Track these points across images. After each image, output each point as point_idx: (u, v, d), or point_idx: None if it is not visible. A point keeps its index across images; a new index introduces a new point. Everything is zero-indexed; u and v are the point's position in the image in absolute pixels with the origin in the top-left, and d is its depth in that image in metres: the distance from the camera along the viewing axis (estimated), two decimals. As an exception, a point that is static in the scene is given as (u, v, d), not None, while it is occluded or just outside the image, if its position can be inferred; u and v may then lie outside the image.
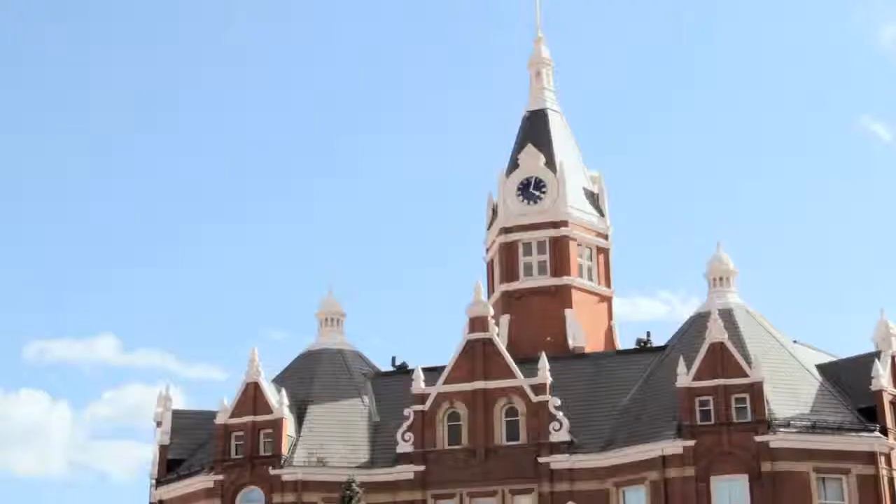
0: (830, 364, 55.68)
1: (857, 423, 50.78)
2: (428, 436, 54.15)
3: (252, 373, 55.62)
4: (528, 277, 62.74)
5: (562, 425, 52.99)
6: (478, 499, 52.89)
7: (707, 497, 49.40)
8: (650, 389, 54.60)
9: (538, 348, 57.05)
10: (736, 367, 50.69)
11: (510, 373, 54.25)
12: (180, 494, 55.94)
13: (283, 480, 53.70)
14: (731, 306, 56.73)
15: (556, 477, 52.22)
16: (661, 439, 50.85)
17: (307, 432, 55.97)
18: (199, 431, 58.34)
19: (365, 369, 60.80)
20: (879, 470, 49.55)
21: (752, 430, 49.67)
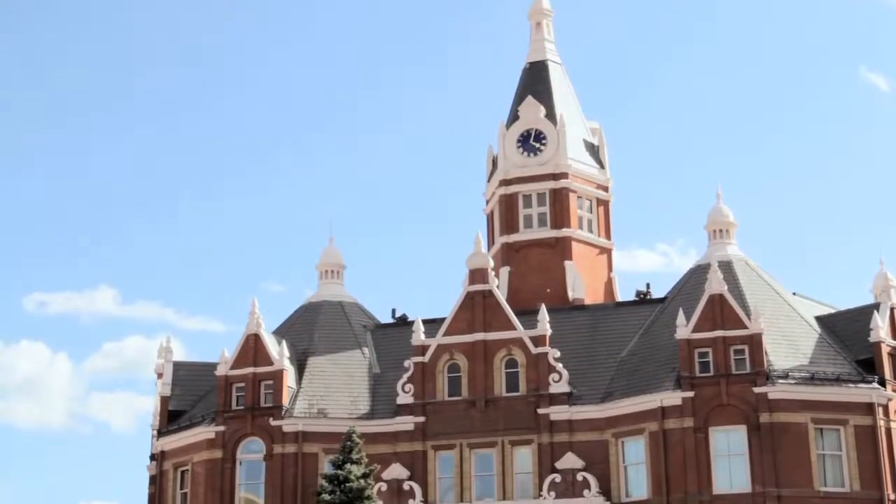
0: (829, 316, 55.86)
1: (855, 375, 50.99)
2: (428, 387, 54.39)
3: (252, 324, 55.76)
4: (528, 229, 62.79)
5: (561, 377, 53.20)
6: (477, 450, 53.20)
7: (706, 448, 49.69)
8: (649, 341, 54.79)
9: (538, 300, 57.20)
10: (735, 319, 50.82)
11: (510, 324, 54.41)
12: (182, 445, 56.28)
13: (284, 431, 53.99)
14: (730, 258, 56.84)
15: (555, 428, 52.50)
16: (660, 391, 51.09)
17: (307, 384, 56.21)
18: (200, 383, 58.62)
19: (365, 321, 60.96)
20: (877, 421, 49.82)
21: (750, 381, 49.88)
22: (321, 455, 53.51)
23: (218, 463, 54.30)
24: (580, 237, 62.60)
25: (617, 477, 51.49)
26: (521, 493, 52.29)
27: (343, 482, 44.03)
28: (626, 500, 51.00)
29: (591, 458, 51.62)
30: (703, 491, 49.08)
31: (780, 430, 49.21)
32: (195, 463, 55.23)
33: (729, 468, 49.57)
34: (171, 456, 56.85)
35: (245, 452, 54.68)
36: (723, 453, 49.82)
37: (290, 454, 53.75)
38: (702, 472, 49.31)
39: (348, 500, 43.73)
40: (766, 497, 48.32)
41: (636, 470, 51.33)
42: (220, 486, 53.98)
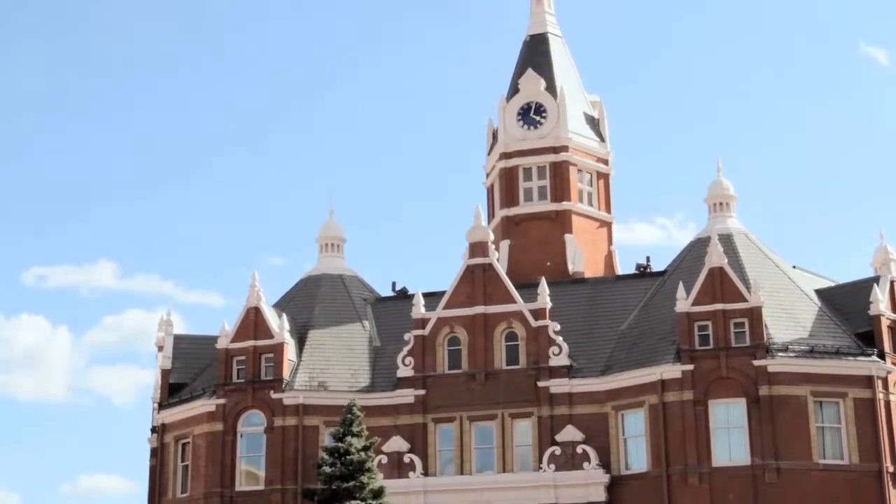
0: (829, 289, 55.90)
1: (855, 348, 51.07)
2: (428, 360, 54.48)
3: (252, 298, 55.80)
4: (528, 202, 62.75)
5: (561, 350, 53.28)
6: (477, 422, 53.33)
7: (705, 421, 49.82)
8: (649, 314, 54.84)
9: (538, 273, 57.24)
10: (735, 292, 50.85)
11: (510, 298, 54.44)
12: (183, 418, 56.43)
13: (285, 404, 54.12)
14: (730, 231, 56.82)
15: (555, 401, 52.61)
16: (660, 364, 51.18)
17: (308, 357, 56.31)
18: (201, 356, 58.73)
19: (365, 294, 61.01)
20: (876, 394, 49.93)
21: (750, 354, 49.95)
22: (322, 428, 53.66)
23: (219, 435, 54.44)
24: (580, 210, 62.57)
25: (616, 449, 51.63)
26: (520, 466, 52.47)
27: (343, 455, 44.10)
28: (626, 473, 51.17)
29: (591, 431, 51.76)
30: (702, 463, 49.24)
31: (779, 402, 49.32)
32: (196, 435, 55.39)
33: (728, 441, 49.72)
34: (171, 429, 57.02)
35: (246, 425, 54.84)
36: (722, 426, 49.95)
37: (290, 427, 53.89)
38: (701, 445, 49.45)
39: (349, 472, 43.81)
40: (765, 469, 48.49)
41: (636, 442, 51.48)
42: (221, 459, 54.16)
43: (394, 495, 46.56)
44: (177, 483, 56.39)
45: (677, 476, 49.62)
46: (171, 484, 56.50)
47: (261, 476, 54.11)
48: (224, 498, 53.70)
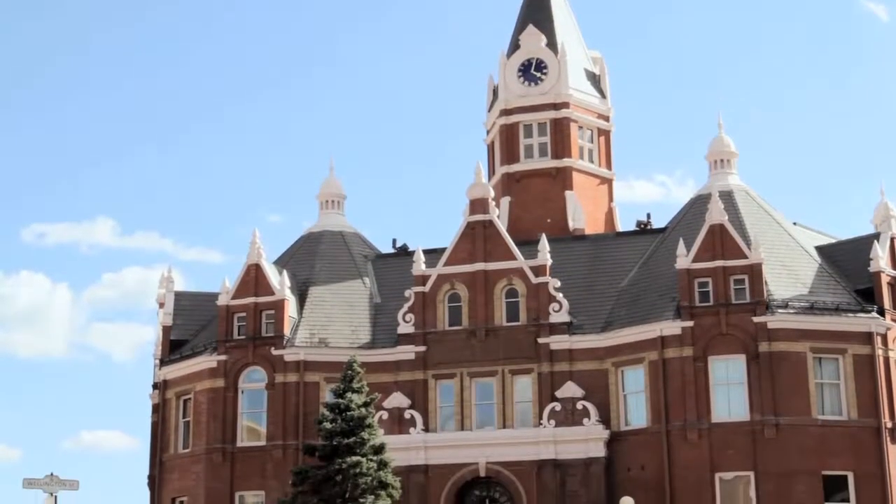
0: (830, 246, 55.91)
1: (854, 304, 51.15)
2: (429, 317, 54.57)
3: (253, 254, 55.81)
4: (529, 159, 62.66)
5: (561, 306, 53.35)
6: (478, 378, 53.50)
7: (705, 377, 49.97)
8: (650, 271, 54.88)
9: (538, 230, 57.21)
10: (735, 249, 50.85)
11: (510, 254, 54.46)
12: (184, 374, 56.60)
13: (286, 361, 54.27)
14: (731, 188, 56.75)
15: (555, 357, 52.74)
16: (660, 320, 51.25)
17: (308, 313, 56.40)
18: (201, 313, 58.82)
19: (366, 251, 61.02)
20: (876, 350, 50.05)
21: (750, 310, 50.01)
22: (322, 384, 53.82)
23: (220, 392, 54.65)
24: (581, 167, 62.47)
25: (616, 405, 51.81)
26: (521, 422, 52.67)
27: (344, 410, 44.23)
28: (626, 429, 51.38)
29: (591, 387, 51.92)
30: (701, 419, 49.42)
31: (778, 359, 49.44)
32: (197, 392, 55.59)
33: (728, 397, 49.89)
34: (173, 385, 57.23)
35: (247, 381, 55.02)
36: (721, 382, 50.10)
37: (291, 383, 54.06)
38: (701, 401, 49.62)
39: (349, 428, 43.94)
40: (764, 425, 48.68)
41: (636, 398, 51.65)
42: (223, 415, 54.38)
43: (394, 451, 46.74)
44: (178, 439, 56.67)
45: (677, 432, 49.83)
46: (173, 439, 56.77)
47: (262, 432, 54.35)
48: (226, 453, 53.95)
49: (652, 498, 49.04)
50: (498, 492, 52.54)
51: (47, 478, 33.90)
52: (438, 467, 52.18)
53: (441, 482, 52.03)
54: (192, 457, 55.24)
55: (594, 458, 50.86)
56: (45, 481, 33.83)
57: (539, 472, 51.17)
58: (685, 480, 49.20)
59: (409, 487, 49.98)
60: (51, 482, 33.82)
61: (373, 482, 42.95)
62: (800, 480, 48.15)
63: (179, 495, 55.85)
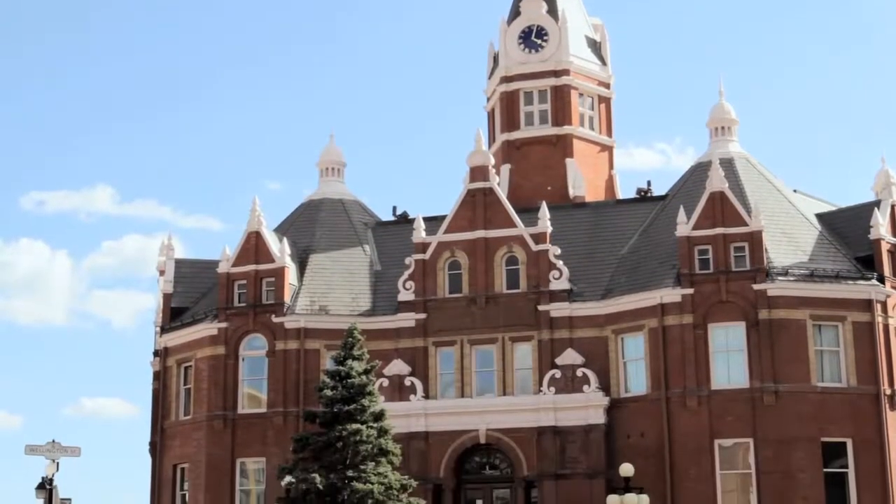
0: (830, 213, 55.88)
1: (854, 272, 51.16)
2: (429, 284, 54.61)
3: (253, 222, 55.79)
4: (529, 127, 62.51)
5: (561, 274, 53.37)
6: (478, 346, 53.59)
7: (704, 344, 50.04)
8: (650, 238, 54.87)
9: (539, 197, 57.17)
10: (735, 216, 50.81)
11: (510, 222, 54.44)
12: (185, 342, 56.71)
13: (286, 328, 54.35)
14: (731, 155, 56.68)
15: (555, 324, 52.81)
16: (660, 287, 51.29)
17: (309, 281, 56.45)
18: (202, 280, 58.88)
19: (366, 219, 60.99)
20: (875, 317, 50.10)
21: (750, 278, 50.03)
22: (323, 351, 53.93)
23: (221, 359, 54.77)
24: (581, 134, 62.33)
25: (616, 373, 51.92)
26: (521, 389, 52.80)
27: (344, 378, 44.32)
28: (625, 396, 51.52)
29: (591, 355, 52.02)
30: (701, 386, 49.54)
31: (778, 326, 49.50)
32: (198, 359, 55.72)
33: (727, 364, 49.98)
34: (174, 352, 57.35)
35: (247, 349, 55.13)
36: (721, 349, 50.18)
37: (292, 350, 54.17)
38: (700, 368, 49.73)
39: (350, 395, 44.05)
40: (763, 392, 48.80)
41: (635, 366, 51.76)
42: (224, 382, 54.53)
43: (395, 418, 46.89)
44: (179, 406, 56.85)
45: (676, 399, 49.96)
46: (174, 407, 56.95)
47: (263, 399, 54.50)
48: (227, 420, 54.13)
49: (651, 464, 49.22)
50: (498, 458, 52.76)
51: (49, 444, 33.97)
52: (439, 434, 52.35)
53: (441, 449, 52.21)
54: (193, 424, 55.42)
55: (594, 424, 51.00)
56: (46, 448, 33.90)
57: (539, 438, 51.33)
58: (685, 447, 49.37)
59: (409, 454, 50.15)
60: (52, 449, 33.90)
61: (373, 449, 43.11)
62: (799, 447, 48.32)
63: (181, 462, 56.10)
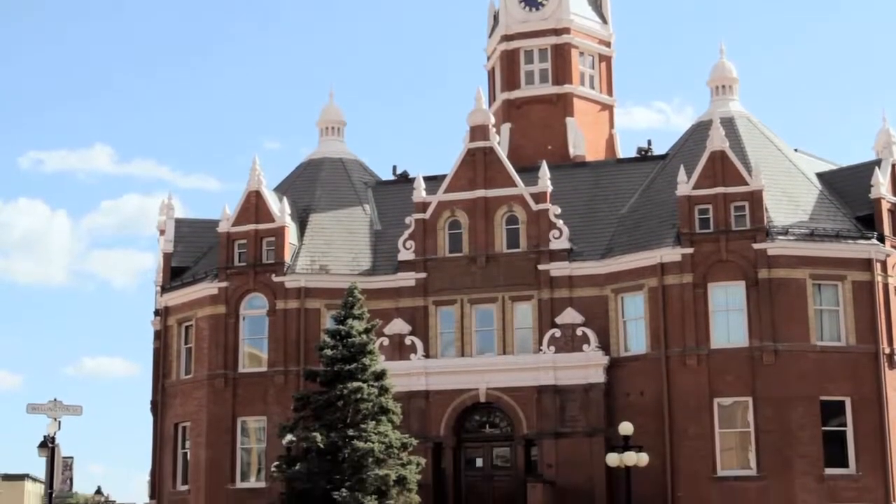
0: (830, 172, 55.84)
1: (854, 231, 51.17)
2: (429, 244, 54.66)
3: (254, 181, 55.76)
4: (530, 85, 62.35)
5: (562, 233, 53.40)
6: (478, 305, 53.70)
7: (704, 303, 50.13)
8: (650, 198, 54.84)
9: (539, 157, 57.12)
10: (736, 176, 50.77)
11: (511, 181, 54.41)
12: (185, 301, 56.85)
13: (286, 287, 54.46)
14: (732, 114, 56.55)
15: (555, 284, 52.90)
16: (660, 247, 51.32)
17: (309, 240, 56.49)
18: (202, 240, 58.94)
19: (366, 178, 60.95)
20: (875, 276, 50.17)
21: (750, 237, 50.05)
22: (323, 310, 54.06)
23: (221, 318, 54.90)
24: (582, 93, 62.16)
25: (616, 332, 52.05)
26: (521, 348, 52.97)
27: (345, 337, 44.43)
28: (625, 355, 51.67)
29: (591, 314, 52.13)
30: (701, 345, 49.68)
31: (778, 285, 49.58)
32: (199, 318, 55.86)
33: (727, 323, 50.09)
34: (174, 312, 57.49)
35: (248, 308, 55.24)
36: (721, 308, 50.28)
37: (292, 310, 54.29)
38: (700, 327, 49.85)
39: (350, 354, 44.16)
40: (762, 351, 48.95)
41: (635, 325, 51.88)
42: (224, 341, 54.69)
43: (395, 377, 47.03)
44: (180, 365, 57.07)
45: (676, 358, 50.12)
46: (175, 366, 57.17)
47: (263, 358, 54.69)
48: (227, 379, 54.34)
49: (651, 423, 49.42)
50: (498, 417, 52.99)
51: (51, 403, 34.12)
52: (439, 393, 52.58)
53: (441, 407, 52.44)
54: (194, 383, 55.65)
55: (593, 383, 51.19)
56: (48, 406, 34.06)
57: (539, 397, 51.54)
58: (684, 406, 49.57)
59: (409, 413, 50.35)
60: (54, 407, 34.06)
61: (374, 408, 43.29)
62: (798, 406, 48.54)
63: (182, 420, 56.38)
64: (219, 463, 53.93)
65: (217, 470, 53.87)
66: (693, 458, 49.07)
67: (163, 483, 56.92)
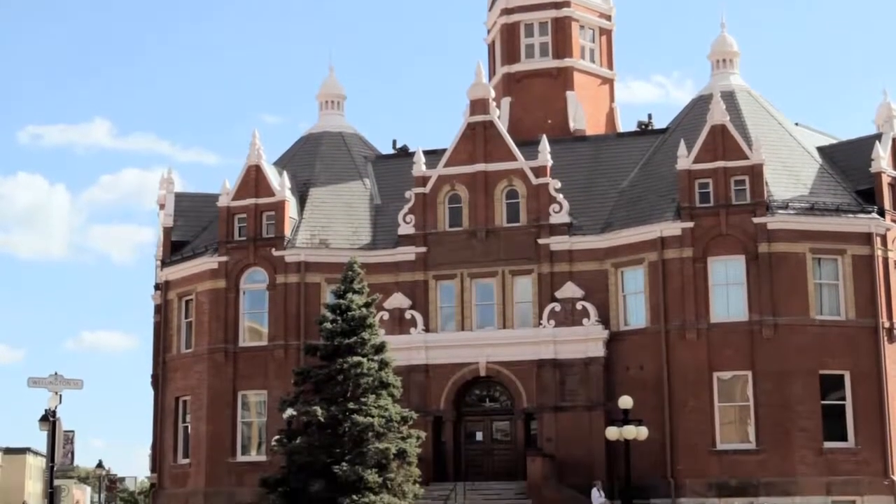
0: (831, 146, 55.76)
1: (854, 205, 51.15)
2: (429, 218, 54.64)
3: (253, 155, 55.70)
4: (530, 59, 62.22)
5: (562, 207, 53.37)
6: (478, 279, 53.73)
7: (704, 277, 50.15)
8: (650, 172, 54.80)
9: (539, 131, 57.02)
10: (736, 150, 50.70)
11: (511, 155, 54.34)
12: (185, 275, 56.88)
13: (287, 262, 54.47)
14: (733, 88, 56.42)
15: (555, 258, 52.91)
16: (660, 221, 51.30)
17: (309, 214, 56.47)
18: (202, 214, 58.92)
19: (366, 152, 60.89)
20: (875, 250, 50.16)
21: (750, 211, 50.02)
22: (323, 285, 54.08)
23: (222, 293, 54.95)
24: (582, 67, 62.03)
25: (616, 306, 52.10)
26: (521, 322, 53.03)
27: (345, 311, 44.43)
28: (625, 329, 51.73)
29: (591, 288, 52.17)
30: (700, 319, 49.72)
31: (778, 259, 49.58)
32: (199, 293, 55.91)
33: (727, 297, 50.12)
34: (175, 286, 57.53)
35: (248, 282, 55.29)
36: (721, 283, 50.30)
37: (292, 284, 54.33)
38: (700, 301, 49.89)
39: (350, 328, 44.18)
40: (762, 325, 49.00)
41: (635, 299, 51.93)
42: (225, 316, 54.76)
43: (395, 351, 47.08)
44: (181, 339, 57.15)
45: (676, 332, 50.17)
46: (175, 340, 57.25)
47: (264, 332, 54.76)
48: (228, 353, 54.44)
49: (650, 397, 49.54)
50: (498, 391, 53.13)
51: (51, 377, 34.11)
52: (439, 367, 52.68)
53: (442, 381, 52.57)
54: (194, 357, 55.74)
55: (593, 357, 51.29)
56: (49, 380, 34.06)
57: (538, 371, 51.65)
58: (683, 380, 49.67)
59: (409, 387, 50.45)
60: (55, 381, 34.05)
61: (374, 382, 43.35)
62: (797, 379, 48.63)
63: (182, 394, 56.51)
64: (219, 436, 54.09)
65: (218, 443, 54.04)
66: (692, 432, 49.19)
67: (164, 456, 57.11)
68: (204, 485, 54.00)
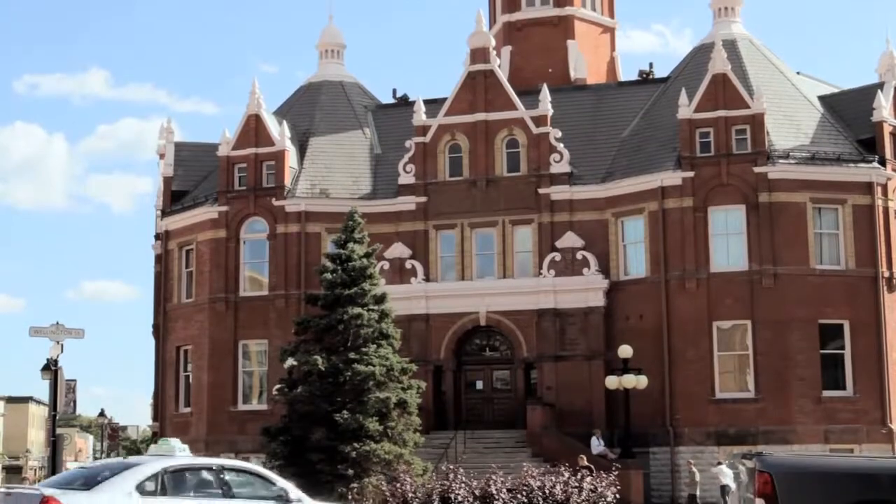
0: (833, 95, 55.52)
1: (855, 155, 51.03)
2: (429, 167, 54.56)
3: (253, 105, 55.50)
4: (530, 7, 61.86)
5: (562, 157, 53.27)
6: (478, 229, 53.74)
7: (704, 227, 50.15)
8: (651, 121, 54.64)
9: (539, 80, 56.78)
10: (737, 99, 50.51)
11: (511, 104, 54.15)
12: (186, 225, 56.87)
13: (287, 211, 54.47)
14: (734, 37, 56.11)
15: (555, 207, 52.89)
16: (661, 170, 51.22)
17: (309, 164, 56.38)
18: (201, 164, 58.82)
19: (366, 101, 60.68)
20: (875, 200, 50.10)
21: (751, 161, 49.92)
22: (324, 234, 54.07)
23: (222, 242, 54.99)
24: (583, 16, 61.68)
25: (616, 255, 52.14)
26: (521, 272, 53.10)
27: (345, 261, 44.35)
28: (625, 278, 51.81)
29: (591, 237, 52.19)
30: (700, 269, 49.79)
31: (778, 209, 49.55)
32: (199, 242, 55.94)
33: (727, 247, 50.16)
34: (175, 236, 57.56)
35: (248, 232, 55.30)
36: (721, 232, 50.31)
37: (292, 234, 54.35)
38: (700, 251, 49.92)
39: (351, 278, 44.12)
40: (762, 274, 49.06)
41: (635, 248, 51.96)
42: (225, 265, 54.83)
43: (396, 300, 47.05)
44: (182, 289, 57.25)
45: (675, 281, 50.25)
46: (176, 290, 57.35)
47: (264, 282, 54.85)
48: (228, 303, 54.56)
49: (650, 346, 49.69)
50: (498, 340, 53.30)
51: (53, 326, 34.16)
52: (439, 316, 52.81)
53: (442, 331, 52.72)
54: (195, 306, 55.87)
55: (593, 307, 51.40)
56: (51, 330, 34.11)
57: (539, 321, 51.79)
58: (683, 329, 49.81)
59: (410, 336, 50.58)
60: (57, 331, 34.10)
61: (374, 332, 43.38)
62: (796, 329, 48.77)
63: (184, 344, 56.70)
64: (221, 386, 54.34)
65: (219, 392, 54.30)
66: (691, 381, 49.39)
67: (165, 406, 57.39)
68: (205, 433, 54.30)
